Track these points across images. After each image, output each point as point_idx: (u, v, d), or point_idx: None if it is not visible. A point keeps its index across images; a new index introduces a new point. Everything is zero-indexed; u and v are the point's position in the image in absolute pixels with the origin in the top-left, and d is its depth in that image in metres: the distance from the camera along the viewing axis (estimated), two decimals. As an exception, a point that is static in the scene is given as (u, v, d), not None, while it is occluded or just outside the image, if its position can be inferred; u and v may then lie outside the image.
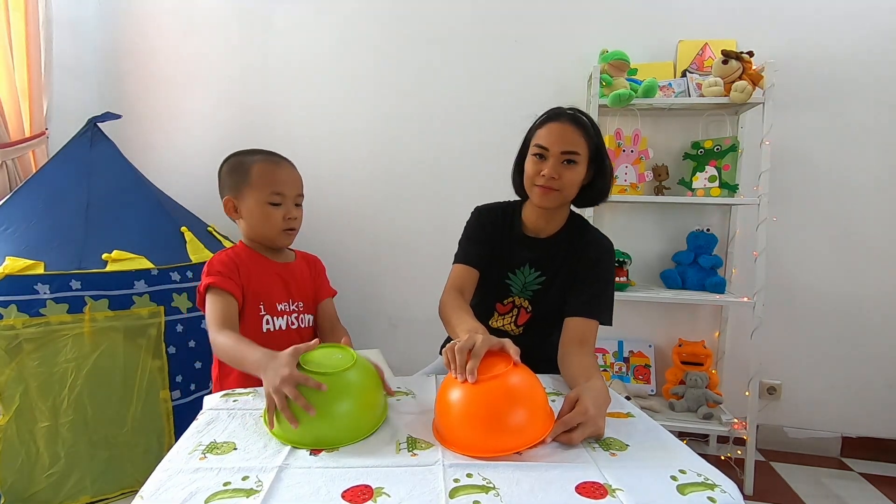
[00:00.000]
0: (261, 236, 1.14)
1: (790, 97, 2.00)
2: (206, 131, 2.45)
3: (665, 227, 2.17)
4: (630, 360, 2.17)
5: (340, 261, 2.42)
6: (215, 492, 0.65)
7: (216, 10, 2.40)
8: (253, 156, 1.13)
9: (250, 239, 1.16)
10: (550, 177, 1.11)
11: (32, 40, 2.02)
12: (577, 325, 1.13)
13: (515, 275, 1.24)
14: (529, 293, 1.24)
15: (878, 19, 1.97)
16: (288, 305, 1.15)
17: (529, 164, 1.16)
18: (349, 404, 0.80)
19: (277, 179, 1.11)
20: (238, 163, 1.13)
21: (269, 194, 1.09)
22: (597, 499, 0.64)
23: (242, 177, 1.10)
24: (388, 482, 0.67)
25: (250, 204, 1.10)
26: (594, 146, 1.15)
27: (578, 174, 1.14)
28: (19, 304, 1.46)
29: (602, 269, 1.19)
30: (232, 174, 1.13)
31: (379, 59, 2.31)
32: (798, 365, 2.13)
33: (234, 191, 1.11)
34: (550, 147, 1.12)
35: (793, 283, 2.10)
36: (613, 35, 2.11)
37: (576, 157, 1.12)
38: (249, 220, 1.12)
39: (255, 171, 1.10)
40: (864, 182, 2.03)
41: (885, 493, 1.84)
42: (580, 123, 1.14)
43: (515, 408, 0.77)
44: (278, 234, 1.12)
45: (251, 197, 1.10)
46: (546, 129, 1.15)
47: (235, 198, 1.11)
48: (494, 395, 0.78)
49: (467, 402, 0.78)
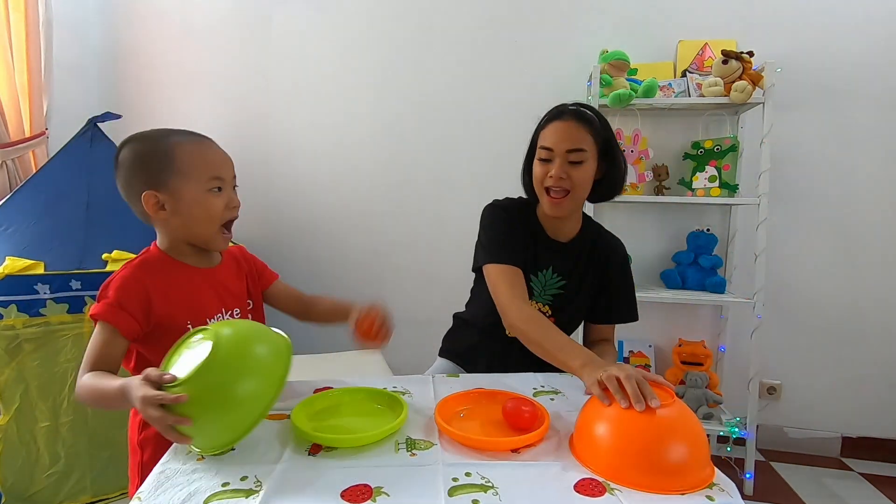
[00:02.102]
0: (196, 236, 0.95)
1: (790, 97, 2.00)
2: (205, 131, 2.44)
3: (665, 227, 2.17)
4: (630, 360, 2.17)
5: (341, 261, 2.42)
6: (214, 492, 0.65)
7: (216, 10, 2.41)
8: (166, 138, 0.92)
9: (175, 241, 0.95)
10: (558, 177, 1.08)
11: (32, 40, 2.02)
12: (606, 330, 1.25)
13: (537, 277, 1.20)
14: (549, 298, 1.21)
15: (878, 19, 1.97)
16: (222, 317, 0.97)
17: (537, 167, 1.13)
18: (220, 401, 0.70)
19: (213, 161, 0.93)
20: (151, 148, 0.91)
21: (209, 180, 0.91)
22: (595, 497, 0.64)
23: (164, 164, 0.89)
24: (387, 481, 0.67)
25: (186, 196, 0.89)
26: (602, 140, 1.11)
27: (587, 172, 1.10)
28: (19, 304, 1.46)
29: (628, 275, 1.26)
30: (146, 163, 0.90)
31: (379, 60, 2.31)
32: (798, 365, 2.13)
33: (156, 183, 0.89)
34: (555, 147, 1.09)
35: (793, 283, 2.10)
36: (613, 35, 2.12)
37: (582, 156, 1.09)
38: (185, 217, 0.91)
39: (182, 155, 0.90)
40: (864, 182, 2.03)
41: (885, 493, 1.84)
42: (584, 119, 1.10)
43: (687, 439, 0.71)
44: (218, 229, 0.95)
45: (186, 187, 0.89)
46: (550, 129, 1.12)
47: (159, 191, 0.89)
48: (683, 421, 0.72)
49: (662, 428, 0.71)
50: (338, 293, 1.29)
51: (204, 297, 0.95)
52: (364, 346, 1.08)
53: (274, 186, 2.40)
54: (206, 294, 0.96)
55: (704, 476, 0.68)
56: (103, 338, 0.85)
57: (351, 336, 1.07)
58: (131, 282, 0.88)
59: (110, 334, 0.85)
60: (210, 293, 0.97)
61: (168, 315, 0.90)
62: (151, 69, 2.47)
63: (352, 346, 2.30)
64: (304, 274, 2.44)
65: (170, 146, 0.91)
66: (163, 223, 0.93)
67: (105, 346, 0.85)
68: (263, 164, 2.43)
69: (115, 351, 0.86)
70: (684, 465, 0.68)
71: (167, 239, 0.95)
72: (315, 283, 2.43)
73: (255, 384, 0.72)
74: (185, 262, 0.96)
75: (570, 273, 1.20)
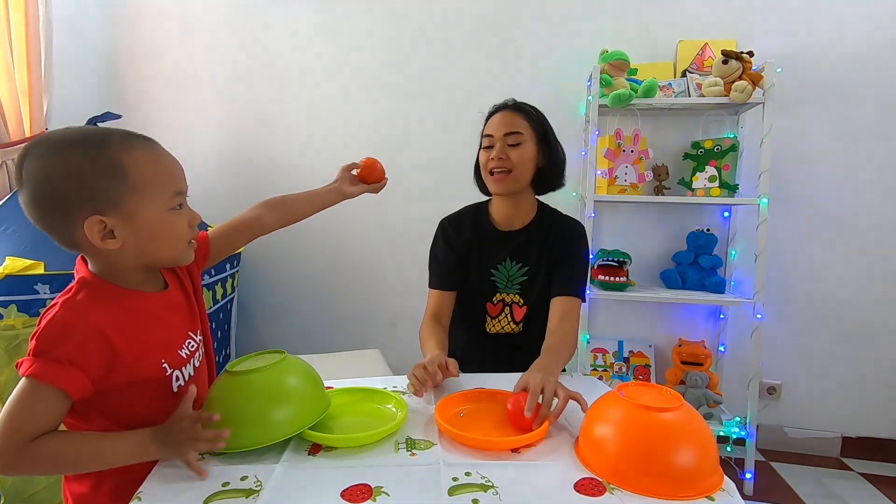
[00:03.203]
0: (156, 260, 0.77)
1: (790, 97, 2.00)
2: (205, 131, 2.46)
3: (665, 227, 2.17)
4: (630, 360, 2.17)
5: (341, 260, 2.42)
6: (214, 492, 0.65)
7: (216, 10, 2.41)
8: (106, 143, 0.70)
9: (122, 268, 0.75)
10: (498, 158, 1.17)
11: (32, 40, 2.02)
12: (560, 304, 1.19)
13: (499, 270, 1.26)
14: (517, 287, 1.26)
15: (878, 19, 1.97)
16: (192, 342, 0.84)
17: (481, 156, 1.24)
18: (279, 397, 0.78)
19: (172, 171, 0.75)
20: (89, 157, 0.68)
21: (171, 196, 0.74)
22: (595, 496, 0.64)
23: (113, 180, 0.69)
24: (387, 481, 0.67)
25: (144, 219, 0.71)
26: (538, 126, 1.21)
27: (526, 152, 1.19)
28: (19, 304, 1.46)
29: (577, 249, 1.24)
30: (84, 178, 0.68)
31: (379, 60, 2.31)
32: (798, 365, 2.13)
33: (103, 205, 0.69)
34: (495, 133, 1.20)
35: (793, 283, 2.10)
36: (613, 35, 2.12)
37: (520, 138, 1.18)
38: (143, 244, 0.73)
39: (135, 167, 0.70)
40: (864, 182, 2.03)
41: (885, 493, 1.84)
42: (520, 108, 1.22)
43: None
44: (184, 250, 0.78)
45: (144, 208, 0.71)
46: (491, 121, 1.23)
47: (107, 215, 0.69)
48: (688, 427, 0.71)
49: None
50: (337, 293, 1.29)
51: (169, 326, 0.80)
52: (366, 187, 1.15)
53: (274, 186, 2.41)
54: (169, 322, 0.80)
55: (711, 483, 0.67)
56: (45, 404, 0.66)
57: (348, 180, 1.13)
58: (81, 327, 0.68)
59: (53, 397, 0.66)
60: (173, 319, 0.81)
61: (136, 358, 0.72)
62: (151, 69, 2.47)
63: (352, 345, 2.30)
64: (303, 273, 2.44)
65: (114, 155, 0.69)
66: (109, 253, 0.72)
67: (47, 413, 0.66)
68: (263, 163, 2.43)
69: (57, 418, 0.68)
70: (689, 470, 0.66)
71: (108, 266, 0.74)
72: (314, 283, 2.43)
73: (292, 412, 0.77)
74: (137, 288, 0.77)
75: (527, 257, 1.25)
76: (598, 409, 0.77)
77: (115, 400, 0.73)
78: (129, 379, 0.72)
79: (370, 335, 2.38)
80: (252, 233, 0.99)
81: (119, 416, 0.74)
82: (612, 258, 1.99)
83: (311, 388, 0.83)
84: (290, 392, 0.80)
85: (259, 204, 1.01)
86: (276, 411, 0.76)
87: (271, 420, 0.75)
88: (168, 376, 0.77)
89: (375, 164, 1.16)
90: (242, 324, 2.43)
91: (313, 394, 0.82)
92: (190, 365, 0.82)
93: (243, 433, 0.74)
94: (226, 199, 2.41)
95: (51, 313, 0.69)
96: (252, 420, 0.75)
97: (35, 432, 0.66)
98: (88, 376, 0.68)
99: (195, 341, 0.84)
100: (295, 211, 1.06)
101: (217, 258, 0.96)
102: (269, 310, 2.49)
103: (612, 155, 1.98)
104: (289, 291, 2.46)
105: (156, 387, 0.76)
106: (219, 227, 0.96)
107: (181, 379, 0.79)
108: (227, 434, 0.71)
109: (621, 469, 0.68)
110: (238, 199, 2.42)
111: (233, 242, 0.98)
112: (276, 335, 2.49)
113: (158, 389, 0.76)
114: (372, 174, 1.15)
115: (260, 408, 0.76)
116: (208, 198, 2.38)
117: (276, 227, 1.02)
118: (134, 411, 0.74)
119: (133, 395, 0.73)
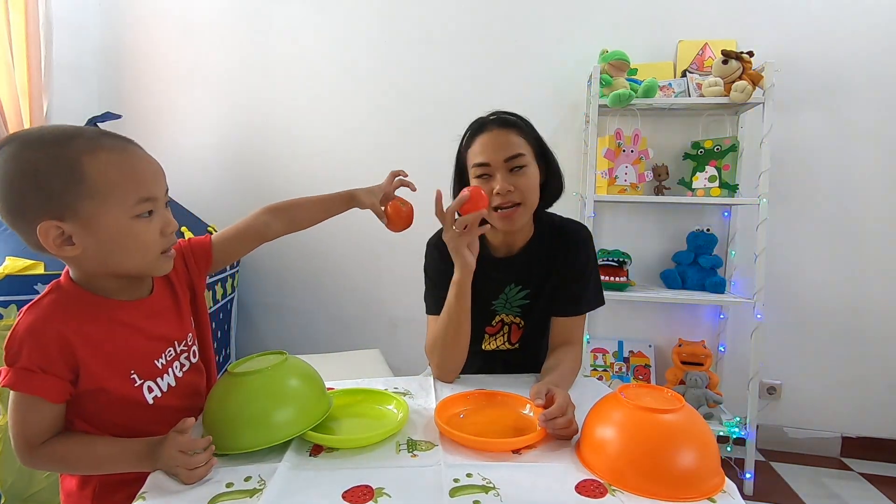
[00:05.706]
0: (125, 270, 0.73)
1: (790, 97, 2.00)
2: (205, 131, 2.45)
3: (665, 227, 2.17)
4: (630, 360, 2.17)
5: (341, 260, 2.42)
6: (218, 493, 0.65)
7: (216, 10, 2.41)
8: (67, 143, 0.66)
9: (94, 275, 0.72)
10: (506, 191, 1.00)
11: (32, 40, 2.02)
12: (565, 324, 1.10)
13: (498, 299, 1.15)
14: (517, 309, 1.16)
15: (878, 19, 1.97)
16: (172, 351, 0.81)
17: (475, 185, 1.05)
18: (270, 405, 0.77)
19: (139, 176, 0.71)
20: (46, 157, 0.65)
21: (136, 203, 0.69)
22: (596, 498, 0.65)
23: (67, 182, 0.65)
24: (388, 482, 0.67)
25: (104, 226, 0.67)
26: (534, 140, 1.06)
27: (532, 176, 1.03)
28: (19, 304, 1.46)
29: (585, 259, 1.10)
30: (39, 179, 0.64)
31: (379, 60, 2.31)
32: (798, 365, 2.13)
33: (57, 210, 0.65)
34: (491, 160, 1.01)
35: (793, 283, 2.10)
36: (613, 35, 2.12)
37: (523, 160, 1.01)
38: (106, 252, 0.69)
39: (94, 170, 0.66)
40: (864, 182, 2.03)
41: (885, 493, 1.84)
42: (511, 123, 1.04)
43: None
44: (155, 260, 0.74)
45: (103, 214, 0.67)
46: (478, 145, 1.04)
47: (63, 221, 0.65)
48: (689, 428, 0.70)
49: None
50: (337, 293, 1.27)
51: (143, 336, 0.77)
52: (392, 226, 1.09)
53: (274, 186, 2.41)
54: (145, 331, 0.77)
55: (713, 485, 0.66)
56: (34, 414, 0.68)
57: (380, 215, 1.07)
58: (43, 332, 0.67)
59: (37, 405, 0.67)
60: (151, 327, 0.78)
61: (101, 367, 0.71)
62: (151, 69, 2.47)
63: (352, 345, 2.30)
64: (303, 273, 2.44)
65: (74, 156, 0.65)
66: (71, 260, 0.70)
67: (40, 421, 0.68)
68: (263, 163, 2.43)
69: (53, 421, 0.70)
70: (691, 472, 0.66)
71: (80, 273, 0.72)
72: (313, 284, 2.43)
73: (293, 413, 0.77)
74: (114, 296, 0.74)
75: (529, 280, 1.13)
76: (600, 411, 0.77)
77: (90, 405, 0.73)
78: (96, 387, 0.72)
79: (371, 335, 2.38)
80: (259, 240, 0.97)
81: (95, 422, 0.75)
82: (612, 258, 1.99)
83: (313, 390, 0.83)
84: (292, 393, 0.80)
85: (265, 210, 0.98)
86: (277, 413, 0.76)
87: (273, 421, 0.75)
88: (138, 387, 0.76)
89: (409, 213, 1.10)
90: (242, 324, 2.43)
91: (315, 395, 0.83)
92: (169, 375, 0.80)
93: (245, 435, 0.74)
94: (225, 199, 2.41)
95: (18, 320, 0.68)
96: (254, 422, 0.75)
97: (37, 438, 0.69)
98: (63, 379, 0.69)
99: (176, 350, 0.82)
100: (302, 218, 1.03)
101: (221, 263, 0.95)
102: (269, 310, 2.49)
103: (612, 155, 1.98)
104: (289, 291, 2.46)
105: (125, 397, 0.75)
106: (223, 232, 0.94)
107: (155, 390, 0.78)
108: (214, 463, 0.69)
109: (622, 471, 0.68)
110: (238, 199, 2.43)
111: (238, 249, 0.96)
112: (277, 335, 2.49)
113: (128, 400, 0.75)
114: (398, 216, 1.09)
115: (261, 409, 0.76)
116: (208, 198, 2.38)
117: (282, 234, 1.00)
118: (106, 418, 0.75)
119: (105, 402, 0.74)
